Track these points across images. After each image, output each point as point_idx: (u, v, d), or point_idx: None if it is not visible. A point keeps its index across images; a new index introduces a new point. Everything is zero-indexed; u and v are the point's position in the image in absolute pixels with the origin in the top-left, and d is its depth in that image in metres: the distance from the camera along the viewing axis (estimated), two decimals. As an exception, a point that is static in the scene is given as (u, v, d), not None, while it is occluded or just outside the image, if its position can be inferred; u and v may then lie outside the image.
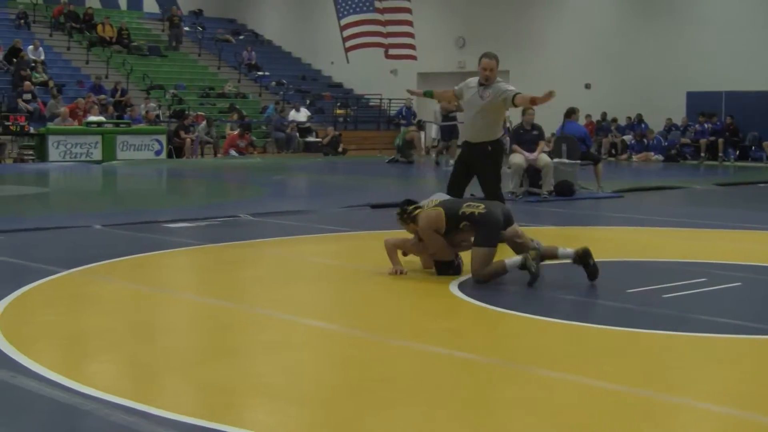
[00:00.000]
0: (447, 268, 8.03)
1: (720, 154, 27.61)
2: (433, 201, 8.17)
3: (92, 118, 25.61)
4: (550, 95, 9.30)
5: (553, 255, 7.89)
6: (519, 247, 7.92)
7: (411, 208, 8.11)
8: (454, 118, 24.25)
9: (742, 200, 16.50)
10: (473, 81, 9.83)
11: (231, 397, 4.76)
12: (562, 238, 10.98)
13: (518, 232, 8.00)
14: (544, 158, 15.50)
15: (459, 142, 9.71)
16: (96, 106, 26.83)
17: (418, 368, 5.31)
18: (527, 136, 15.73)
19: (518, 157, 15.50)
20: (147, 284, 7.91)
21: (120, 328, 6.23)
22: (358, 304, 7.28)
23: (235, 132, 28.89)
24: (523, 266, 7.68)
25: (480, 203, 7.95)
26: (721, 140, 27.68)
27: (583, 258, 7.72)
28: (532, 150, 15.50)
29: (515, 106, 9.83)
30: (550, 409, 4.58)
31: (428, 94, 10.67)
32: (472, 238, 7.83)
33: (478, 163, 9.79)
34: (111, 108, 26.85)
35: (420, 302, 7.32)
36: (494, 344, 6.10)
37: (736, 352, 5.83)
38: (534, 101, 9.77)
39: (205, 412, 4.48)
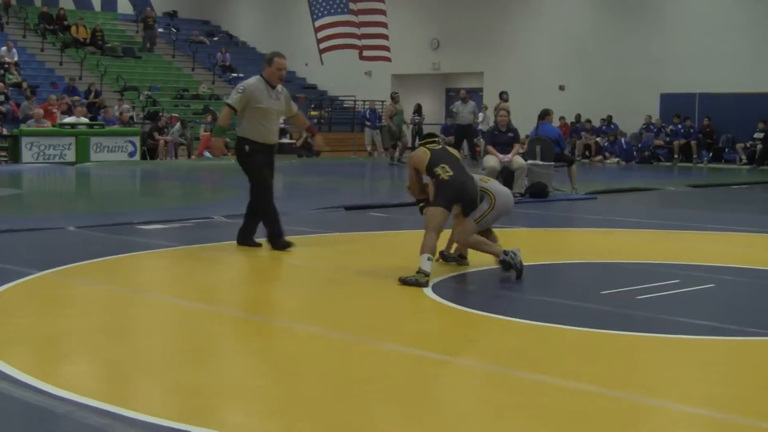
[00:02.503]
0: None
1: (694, 156, 27.76)
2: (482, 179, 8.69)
3: (69, 120, 25.46)
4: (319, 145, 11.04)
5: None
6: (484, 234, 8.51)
7: (422, 142, 8.66)
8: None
9: (716, 202, 16.58)
10: (260, 84, 9.49)
11: (207, 399, 4.74)
12: (535, 240, 11.04)
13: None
14: (518, 161, 15.49)
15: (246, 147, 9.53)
16: (79, 107, 26.71)
17: (397, 370, 5.31)
18: (502, 138, 15.65)
19: (492, 160, 15.39)
20: (121, 286, 7.87)
21: (94, 330, 6.19)
22: (334, 306, 7.25)
23: (209, 133, 28.79)
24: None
25: (451, 171, 8.17)
26: (694, 142, 27.82)
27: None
28: (506, 152, 15.48)
29: (291, 116, 10.05)
30: (526, 410, 4.59)
31: (219, 132, 9.97)
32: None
33: (272, 160, 9.80)
34: (84, 109, 26.69)
35: (397, 304, 7.30)
36: (471, 346, 6.12)
37: (711, 354, 5.86)
38: (310, 130, 10.80)
39: (181, 414, 4.46)
